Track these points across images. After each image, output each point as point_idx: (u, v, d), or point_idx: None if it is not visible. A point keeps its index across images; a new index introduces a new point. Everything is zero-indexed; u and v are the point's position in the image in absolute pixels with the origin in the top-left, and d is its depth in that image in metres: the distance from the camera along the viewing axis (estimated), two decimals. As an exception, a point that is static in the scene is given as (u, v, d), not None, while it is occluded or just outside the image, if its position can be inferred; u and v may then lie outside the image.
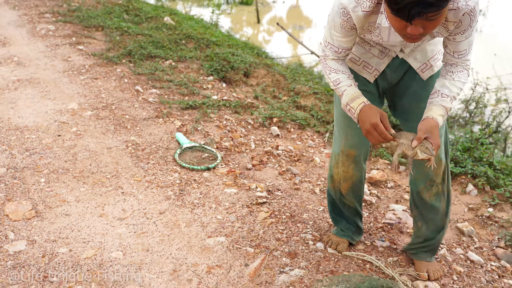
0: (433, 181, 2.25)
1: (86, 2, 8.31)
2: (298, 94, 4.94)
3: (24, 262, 2.30)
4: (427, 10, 1.53)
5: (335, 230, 2.61)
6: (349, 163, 2.31)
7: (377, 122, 1.87)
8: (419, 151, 1.83)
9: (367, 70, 2.16)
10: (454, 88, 1.96)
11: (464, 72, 1.98)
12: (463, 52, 1.92)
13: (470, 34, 1.86)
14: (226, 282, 2.25)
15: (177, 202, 2.87)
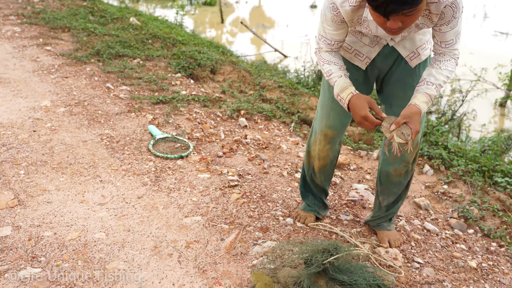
0: (407, 162, 2.47)
1: (50, 4, 8.34)
2: (263, 88, 5.16)
3: (11, 245, 2.43)
4: (402, 8, 1.69)
5: (303, 206, 2.82)
6: (325, 143, 2.52)
7: (366, 114, 2.04)
8: (395, 135, 2.02)
9: (358, 58, 2.32)
10: (440, 76, 2.10)
11: (452, 61, 2.11)
12: (450, 42, 2.05)
13: (456, 24, 1.99)
14: (204, 254, 2.44)
15: (153, 188, 3.04)
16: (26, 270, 2.26)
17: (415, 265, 2.51)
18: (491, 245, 2.85)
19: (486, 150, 4.66)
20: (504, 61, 6.96)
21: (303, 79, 6.27)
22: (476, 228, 3.01)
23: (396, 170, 2.50)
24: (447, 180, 3.55)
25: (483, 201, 3.27)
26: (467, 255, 2.69)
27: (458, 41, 2.06)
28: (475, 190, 3.43)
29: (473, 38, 9.97)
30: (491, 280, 2.49)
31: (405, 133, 2.00)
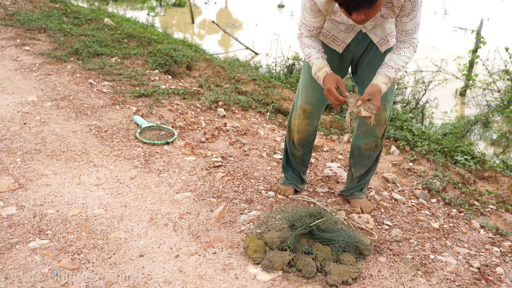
0: (377, 137, 2.79)
1: (22, 7, 8.44)
2: (238, 81, 5.43)
3: (18, 222, 2.65)
4: (361, 6, 1.98)
5: (282, 180, 3.11)
6: (304, 117, 2.81)
7: (330, 88, 2.36)
8: (362, 109, 2.33)
9: (335, 43, 2.62)
10: (399, 61, 2.41)
11: (410, 48, 2.42)
12: (410, 32, 2.37)
13: (415, 16, 2.30)
14: (196, 223, 2.70)
15: (144, 170, 3.28)
16: (35, 241, 2.48)
17: (385, 227, 2.82)
18: (451, 211, 3.18)
19: (448, 134, 5.03)
20: (463, 54, 7.40)
21: (275, 73, 6.56)
22: (438, 198, 3.34)
23: (367, 144, 2.81)
24: (412, 159, 3.89)
25: (444, 175, 3.61)
26: (430, 218, 3.02)
27: (417, 31, 2.37)
28: (437, 166, 3.77)
29: (434, 34, 10.44)
30: (452, 238, 2.82)
31: (370, 107, 2.32)
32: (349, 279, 2.29)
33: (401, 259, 2.52)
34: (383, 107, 2.66)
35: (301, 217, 2.52)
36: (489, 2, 14.46)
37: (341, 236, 2.48)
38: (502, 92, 6.47)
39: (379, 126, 2.73)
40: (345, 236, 2.49)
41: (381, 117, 2.69)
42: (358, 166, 2.92)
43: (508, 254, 2.72)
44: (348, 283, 2.28)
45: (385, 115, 2.70)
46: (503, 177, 3.77)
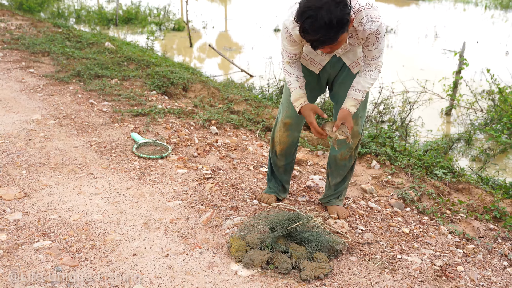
0: (351, 149, 3.09)
1: (27, 31, 8.81)
2: (231, 102, 5.74)
3: (24, 226, 2.92)
4: (323, 45, 2.31)
5: (266, 189, 3.40)
6: (284, 130, 3.11)
7: (311, 121, 2.73)
8: (338, 134, 2.73)
9: (313, 64, 2.93)
10: (366, 84, 2.74)
11: (376, 71, 2.74)
12: (375, 57, 2.68)
13: (379, 45, 2.61)
14: (186, 227, 2.97)
15: (140, 181, 3.56)
16: (39, 242, 2.75)
17: (358, 231, 3.09)
18: (423, 218, 3.45)
19: (430, 150, 5.30)
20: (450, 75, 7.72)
21: (268, 94, 6.88)
22: (412, 207, 3.61)
23: (342, 154, 3.10)
24: (391, 172, 4.16)
25: (420, 187, 3.88)
26: (402, 224, 3.29)
27: (381, 56, 2.70)
28: (414, 179, 4.04)
29: (424, 56, 10.81)
30: (420, 241, 3.09)
31: (344, 131, 2.72)
32: (320, 275, 2.55)
33: (370, 259, 2.78)
34: (355, 121, 2.96)
35: (280, 221, 2.80)
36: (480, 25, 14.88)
37: (315, 237, 2.75)
38: (485, 111, 6.77)
39: (352, 138, 3.02)
40: (319, 237, 2.76)
41: (354, 130, 2.99)
42: (334, 175, 3.21)
43: (470, 255, 2.98)
44: (319, 278, 2.54)
45: (358, 129, 3.00)
46: (476, 189, 4.04)
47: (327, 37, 2.22)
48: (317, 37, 2.22)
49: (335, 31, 2.21)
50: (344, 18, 2.21)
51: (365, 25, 2.50)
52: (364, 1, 2.48)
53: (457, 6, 19.62)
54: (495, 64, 8.92)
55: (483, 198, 3.81)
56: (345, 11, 2.20)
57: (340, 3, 2.19)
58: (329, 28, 2.18)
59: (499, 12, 18.19)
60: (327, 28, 2.18)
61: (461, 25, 14.67)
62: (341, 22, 2.20)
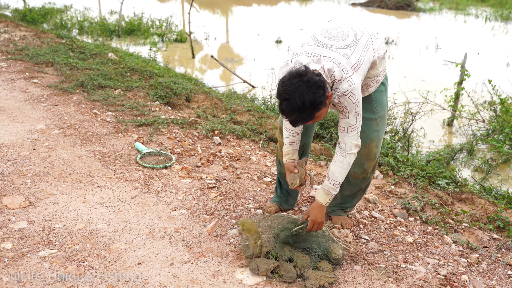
0: (365, 171, 3.09)
1: (30, 42, 8.87)
2: (234, 112, 5.76)
3: (29, 234, 2.93)
4: (299, 124, 2.41)
5: (272, 199, 3.40)
6: (281, 135, 3.11)
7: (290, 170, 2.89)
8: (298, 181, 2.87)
9: None
10: (336, 169, 2.68)
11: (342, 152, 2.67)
12: (343, 129, 2.63)
13: (347, 117, 2.56)
14: (190, 236, 2.98)
15: (144, 190, 3.57)
16: (44, 251, 2.76)
17: (362, 240, 3.10)
18: (427, 228, 3.45)
19: (432, 161, 5.31)
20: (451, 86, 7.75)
21: (270, 105, 6.90)
22: (416, 217, 3.62)
23: (355, 173, 3.11)
24: (394, 182, 4.17)
25: (423, 196, 3.88)
26: (406, 234, 3.29)
27: (350, 132, 2.63)
28: (417, 189, 4.05)
29: (426, 67, 10.85)
30: (424, 251, 3.09)
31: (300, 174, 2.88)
32: (325, 284, 2.55)
33: (374, 268, 2.79)
34: (376, 144, 2.98)
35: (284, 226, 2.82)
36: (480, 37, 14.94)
37: (320, 246, 2.76)
38: (487, 122, 6.78)
39: (369, 161, 3.03)
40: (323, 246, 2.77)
41: (372, 153, 3.00)
42: (344, 187, 3.20)
43: (474, 264, 2.98)
44: (324, 287, 2.54)
45: (376, 151, 3.01)
46: (479, 199, 4.04)
47: (302, 117, 2.34)
48: (293, 117, 2.34)
49: (309, 112, 2.32)
50: (317, 100, 2.31)
51: (335, 97, 2.53)
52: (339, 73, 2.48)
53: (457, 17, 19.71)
54: (496, 75, 8.95)
55: (486, 208, 3.81)
56: (317, 94, 2.30)
57: (311, 86, 2.29)
58: (303, 110, 2.30)
59: (499, 24, 18.27)
60: (301, 110, 2.30)
61: (462, 37, 14.74)
62: (313, 103, 2.30)
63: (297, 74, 2.31)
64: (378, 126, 2.96)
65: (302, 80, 2.28)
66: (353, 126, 2.63)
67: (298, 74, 2.30)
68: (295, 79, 2.29)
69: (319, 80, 2.31)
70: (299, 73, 2.30)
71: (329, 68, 2.46)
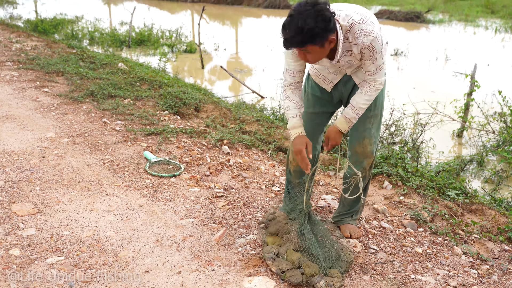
0: (364, 169, 3.09)
1: (42, 52, 8.95)
2: (243, 122, 5.76)
3: (37, 241, 2.93)
4: (290, 46, 2.40)
5: (280, 208, 3.40)
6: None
7: (300, 149, 2.74)
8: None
9: (325, 82, 2.98)
10: (360, 100, 2.75)
11: (371, 87, 2.74)
12: (372, 72, 2.69)
13: (375, 60, 2.61)
14: (198, 245, 2.97)
15: (152, 199, 3.57)
16: (52, 258, 2.76)
17: (371, 250, 3.07)
18: (437, 239, 3.42)
19: (442, 172, 5.28)
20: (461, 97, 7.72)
21: (279, 115, 6.90)
22: (425, 228, 3.58)
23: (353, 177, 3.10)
24: (403, 192, 4.14)
25: (433, 207, 3.85)
26: (415, 245, 3.26)
27: (379, 72, 2.68)
28: (427, 199, 4.02)
29: (435, 79, 10.81)
30: (434, 261, 3.06)
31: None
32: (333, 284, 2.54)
33: (383, 278, 2.76)
34: (369, 141, 2.97)
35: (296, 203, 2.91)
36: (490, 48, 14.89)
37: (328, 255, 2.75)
38: (497, 133, 6.73)
39: (366, 158, 3.03)
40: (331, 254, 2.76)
41: (367, 150, 3.00)
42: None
43: (485, 275, 2.95)
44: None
45: (371, 149, 3.00)
46: (490, 210, 4.00)
47: (294, 40, 2.34)
48: (287, 36, 2.35)
49: (302, 38, 2.32)
50: (315, 30, 2.31)
51: (358, 39, 2.52)
52: (358, 16, 2.51)
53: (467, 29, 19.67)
54: (506, 86, 8.90)
55: (496, 219, 3.77)
56: (320, 25, 2.32)
57: (318, 16, 2.31)
58: (299, 32, 2.31)
59: (509, 35, 18.21)
60: (297, 32, 2.31)
61: (472, 48, 14.71)
62: (310, 32, 2.31)
63: (313, 3, 2.34)
64: (371, 124, 2.98)
65: (313, 7, 2.32)
66: (381, 65, 2.67)
67: (313, 3, 2.34)
68: (308, 5, 2.33)
69: (329, 16, 2.35)
70: (315, 3, 2.35)
71: (347, 14, 2.51)
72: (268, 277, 2.66)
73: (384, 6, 25.01)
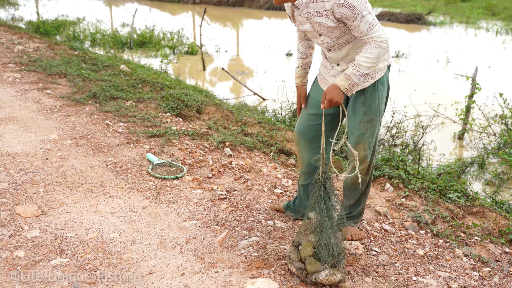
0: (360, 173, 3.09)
1: (44, 53, 8.98)
2: (245, 124, 5.79)
3: (41, 243, 2.95)
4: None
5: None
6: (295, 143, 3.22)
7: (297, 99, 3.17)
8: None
9: (326, 84, 3.03)
10: (360, 58, 2.61)
11: (372, 45, 2.60)
12: (366, 31, 2.61)
13: (362, 17, 2.56)
14: (201, 247, 2.99)
15: (155, 201, 3.59)
16: (56, 259, 2.78)
17: (373, 252, 3.09)
18: (438, 241, 3.44)
19: (443, 174, 5.30)
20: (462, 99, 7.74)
21: (281, 117, 6.93)
22: (427, 230, 3.60)
23: (352, 178, 3.13)
24: (405, 195, 4.16)
25: (434, 209, 3.87)
26: (417, 247, 3.28)
27: (373, 29, 2.58)
28: (428, 202, 4.04)
29: (436, 81, 10.84)
30: (435, 264, 3.08)
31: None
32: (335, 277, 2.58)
33: (385, 280, 2.78)
34: (363, 146, 2.99)
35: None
36: (491, 50, 14.91)
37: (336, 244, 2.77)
38: (498, 136, 6.75)
39: (361, 163, 3.05)
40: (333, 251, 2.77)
41: (361, 155, 3.02)
42: (347, 196, 3.23)
43: (486, 278, 2.97)
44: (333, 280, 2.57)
45: (365, 154, 3.02)
46: (491, 212, 4.02)
47: None
48: None
49: None
50: None
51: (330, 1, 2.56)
52: None
53: (468, 31, 19.69)
54: (507, 88, 8.93)
55: (498, 221, 3.79)
56: None
57: None
58: None
59: (510, 37, 18.21)
60: None
61: (473, 50, 14.72)
62: None
63: None
64: (365, 129, 2.95)
65: None
66: (372, 22, 2.59)
67: None
68: None
69: None
70: None
71: None
72: (271, 279, 2.68)
73: (385, 8, 25.04)
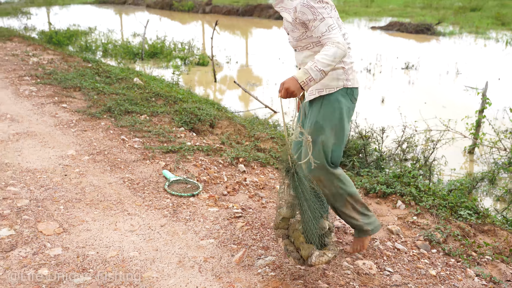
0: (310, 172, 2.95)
1: (58, 66, 9.13)
2: (258, 139, 5.87)
3: (64, 261, 3.05)
4: None
5: None
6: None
7: None
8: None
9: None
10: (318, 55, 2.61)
11: (329, 45, 2.62)
12: (325, 32, 2.66)
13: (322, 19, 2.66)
14: (219, 266, 3.07)
15: (173, 218, 3.68)
16: (79, 278, 2.87)
17: (386, 272, 3.16)
18: (450, 260, 3.50)
19: (454, 190, 5.35)
20: (472, 113, 7.79)
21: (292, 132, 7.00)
22: (438, 249, 3.66)
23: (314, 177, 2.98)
24: (416, 212, 4.22)
25: (446, 228, 3.93)
26: (429, 266, 3.34)
27: (332, 31, 2.66)
28: (440, 220, 4.10)
29: (446, 93, 10.89)
30: (447, 284, 3.14)
31: None
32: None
33: (399, 301, 2.85)
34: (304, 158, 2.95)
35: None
36: (501, 62, 14.93)
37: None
38: (509, 151, 6.79)
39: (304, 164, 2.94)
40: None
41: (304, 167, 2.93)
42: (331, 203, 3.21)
43: (497, 299, 3.02)
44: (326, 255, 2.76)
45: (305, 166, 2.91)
46: (502, 231, 4.07)
47: None
48: None
49: None
50: None
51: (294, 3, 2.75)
52: None
53: (478, 41, 19.70)
54: (518, 102, 8.97)
55: (508, 240, 3.85)
56: None
57: None
58: None
59: (520, 48, 18.24)
60: None
61: (483, 62, 14.74)
62: None
63: None
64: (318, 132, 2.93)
65: None
66: (332, 25, 2.67)
67: None
68: None
69: None
70: None
71: None
72: (287, 300, 2.75)
73: (395, 18, 25.10)
